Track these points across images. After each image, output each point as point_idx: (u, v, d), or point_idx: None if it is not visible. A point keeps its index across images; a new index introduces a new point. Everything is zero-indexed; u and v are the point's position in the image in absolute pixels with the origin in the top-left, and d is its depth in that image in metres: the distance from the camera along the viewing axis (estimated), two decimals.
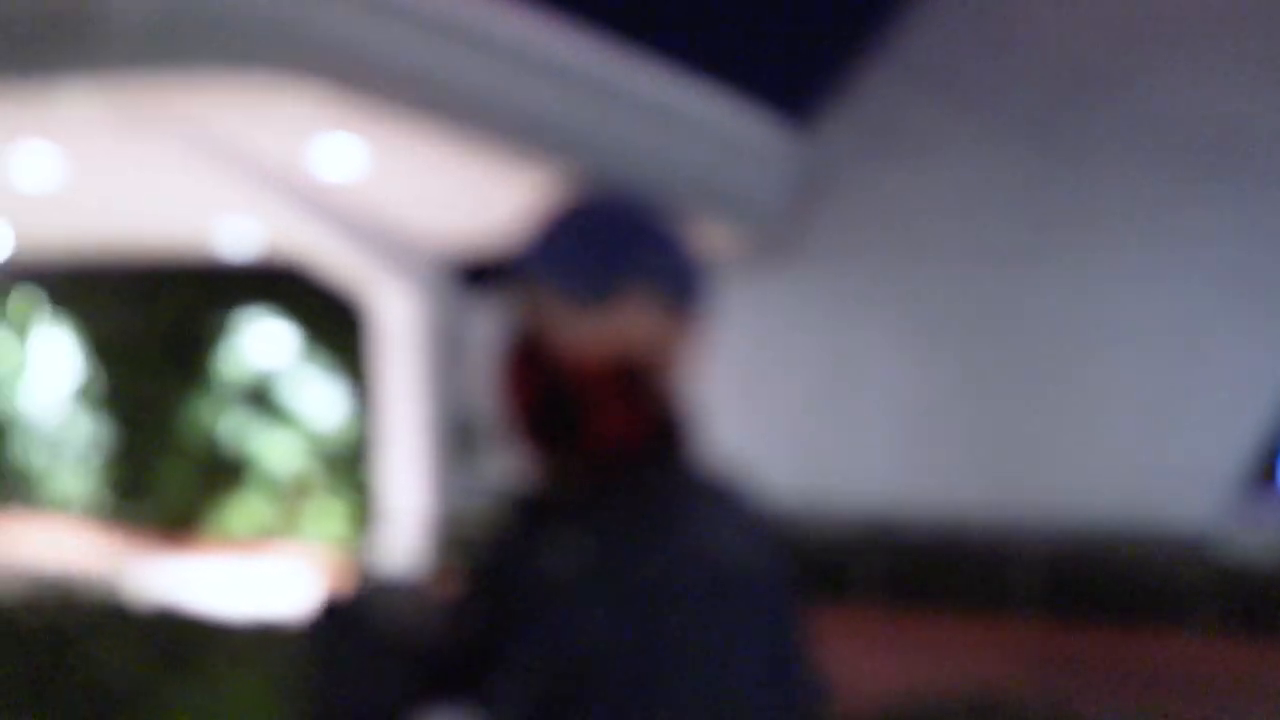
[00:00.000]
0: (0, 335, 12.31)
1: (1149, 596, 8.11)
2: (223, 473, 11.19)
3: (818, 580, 8.94)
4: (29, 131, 7.60)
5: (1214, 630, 7.88)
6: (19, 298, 12.28)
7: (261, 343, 11.21)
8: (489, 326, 10.80)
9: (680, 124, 9.14)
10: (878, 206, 10.11)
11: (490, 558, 1.14)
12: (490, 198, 8.96)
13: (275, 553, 10.67)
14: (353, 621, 1.12)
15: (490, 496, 8.19)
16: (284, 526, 10.93)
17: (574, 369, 1.10)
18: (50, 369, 12.09)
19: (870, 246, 10.14)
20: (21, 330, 12.25)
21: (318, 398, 11.04)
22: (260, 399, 11.19)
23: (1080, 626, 8.16)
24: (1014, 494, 9.33)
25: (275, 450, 11.03)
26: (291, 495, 10.97)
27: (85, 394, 11.87)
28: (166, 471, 11.37)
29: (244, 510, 11.07)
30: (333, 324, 10.91)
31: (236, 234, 9.95)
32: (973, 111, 9.89)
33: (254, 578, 9.51)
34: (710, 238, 9.88)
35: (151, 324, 11.51)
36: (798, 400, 10.29)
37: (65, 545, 10.88)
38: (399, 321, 9.63)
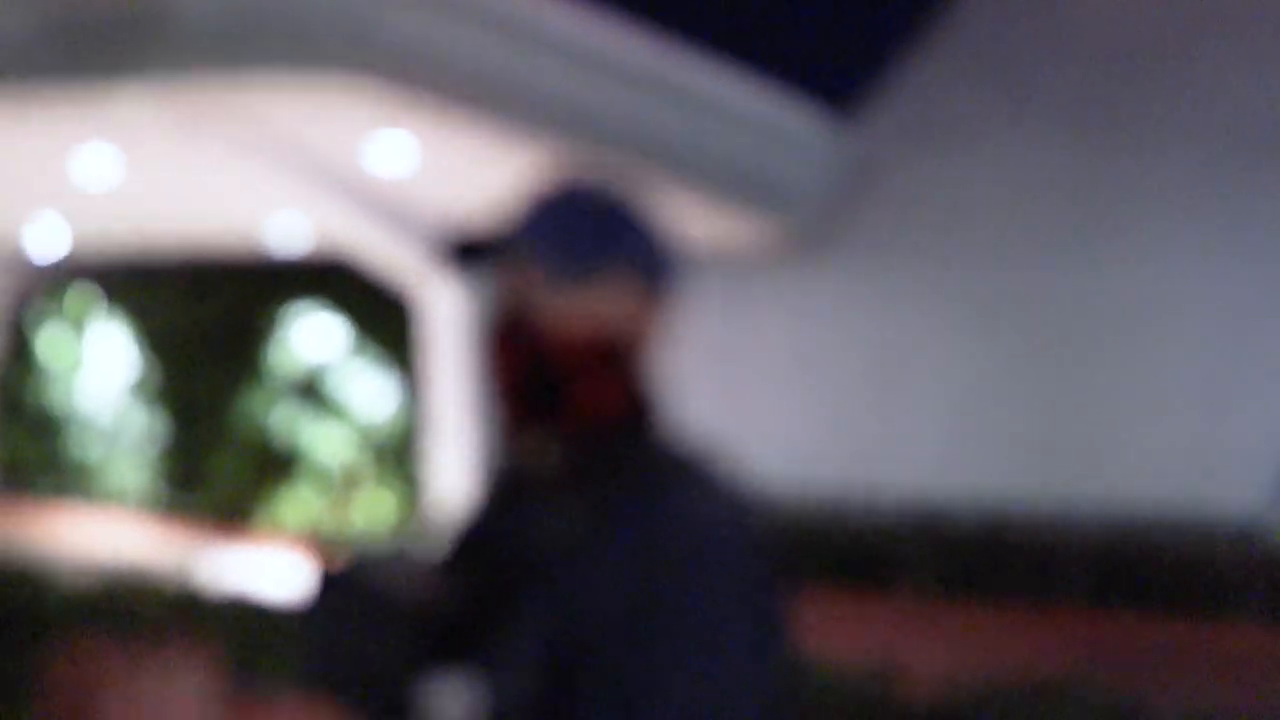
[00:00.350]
0: (58, 331, 12.56)
1: (1198, 585, 8.13)
2: (274, 465, 11.38)
3: (865, 569, 9.00)
4: (90, 133, 7.77)
5: (1263, 618, 7.89)
6: (76, 294, 12.53)
7: (312, 336, 11.39)
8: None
9: (726, 116, 9.20)
10: (923, 196, 10.14)
11: (475, 528, 1.20)
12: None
13: (326, 543, 10.85)
14: (350, 590, 1.17)
15: None
16: (334, 518, 11.11)
17: (559, 344, 1.17)
18: (106, 363, 12.32)
19: (915, 236, 10.17)
20: (79, 326, 12.50)
21: (367, 390, 11.21)
22: (311, 392, 11.37)
23: (1129, 615, 8.18)
24: (1061, 483, 9.35)
25: (326, 442, 11.21)
26: (342, 486, 11.14)
27: (140, 388, 12.10)
28: (220, 464, 11.57)
29: (295, 501, 11.25)
30: (382, 317, 11.07)
31: (288, 230, 10.12)
32: (1019, 100, 9.89)
33: (306, 568, 9.67)
34: (755, 229, 9.95)
35: (205, 318, 11.71)
36: (843, 391, 10.34)
37: (122, 536, 11.10)
38: (447, 314, 9.76)
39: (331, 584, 1.21)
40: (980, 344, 9.84)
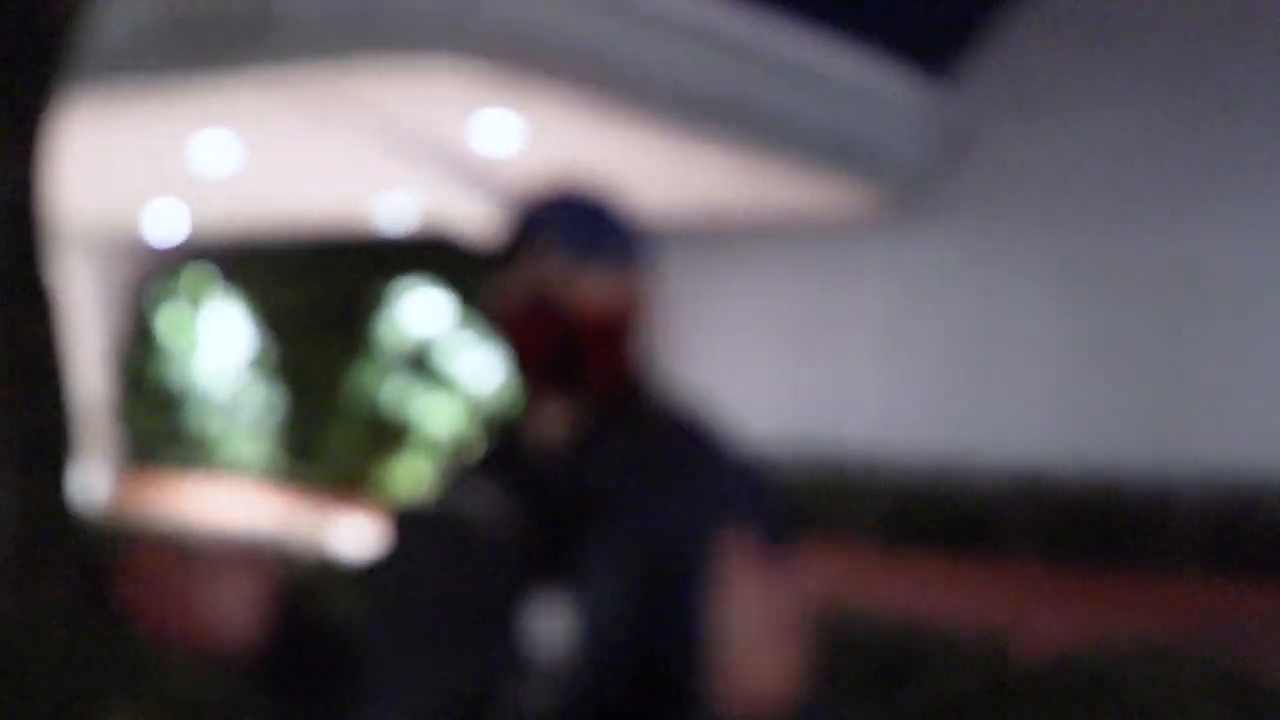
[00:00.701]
0: (178, 310, 13.04)
1: None
2: (386, 436, 11.71)
3: (969, 536, 9.02)
4: (209, 122, 8.07)
5: None
6: (194, 274, 12.98)
7: (420, 311, 11.68)
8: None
9: (824, 84, 9.21)
10: (1022, 160, 10.04)
11: (520, 481, 1.35)
12: (639, 163, 9.17)
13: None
14: (436, 526, 1.34)
15: None
16: None
17: (584, 319, 1.35)
18: (223, 340, 12.77)
19: (1015, 200, 10.09)
20: (196, 305, 12.96)
21: (474, 362, 11.47)
22: (420, 364, 11.67)
23: (1239, 581, 8.10)
24: (1168, 447, 9.25)
25: (435, 413, 11.51)
26: (451, 456, 11.43)
27: (257, 363, 12.52)
28: (334, 435, 11.95)
29: (407, 471, 11.59)
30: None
31: (397, 208, 10.37)
32: (1122, 60, 9.73)
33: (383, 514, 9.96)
34: (853, 196, 9.96)
35: (318, 295, 12.07)
36: (943, 356, 10.33)
37: (243, 506, 11.54)
38: None
39: (414, 522, 1.37)
40: (1083, 308, 9.75)
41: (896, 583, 7.77)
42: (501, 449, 1.41)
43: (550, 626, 1.24)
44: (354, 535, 8.71)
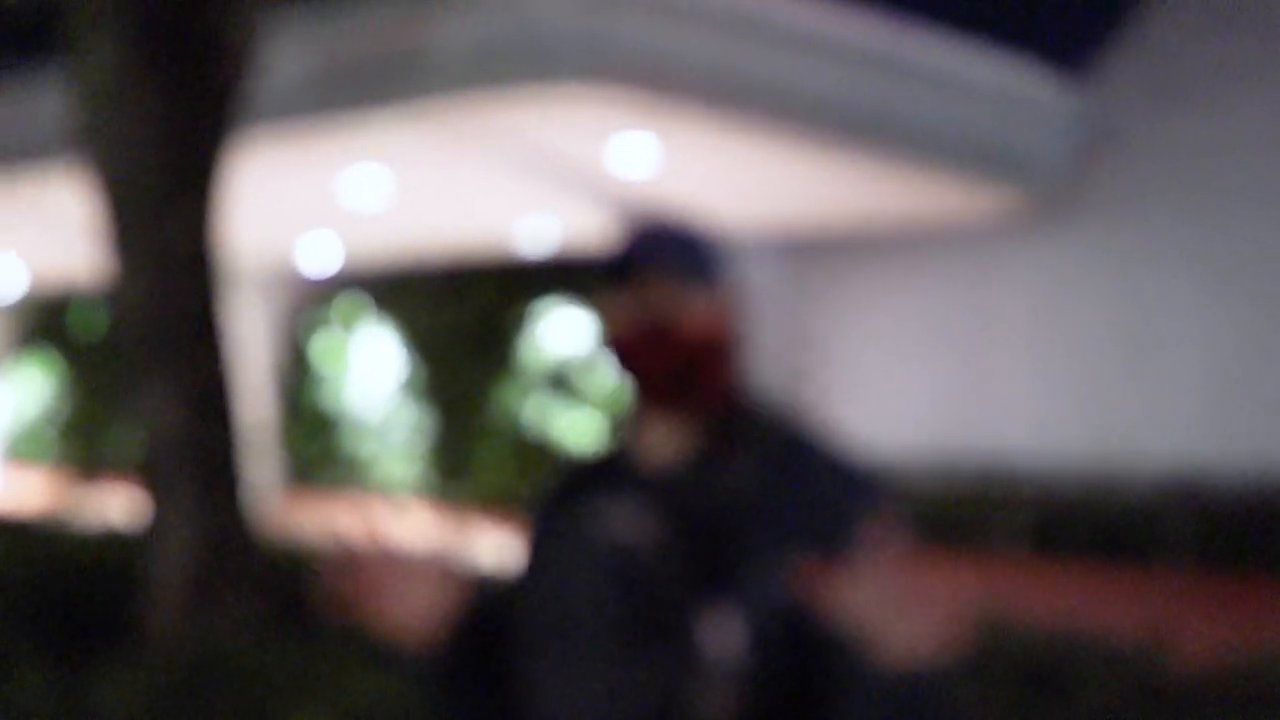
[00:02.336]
0: (329, 337, 13.54)
1: None
2: (530, 453, 11.97)
3: (1122, 543, 8.82)
4: (359, 156, 8.41)
5: None
6: (344, 302, 13.47)
7: (560, 330, 11.92)
8: (785, 304, 11.09)
9: (961, 89, 9.14)
10: (1170, 154, 9.81)
11: (648, 496, 1.42)
12: (778, 179, 9.23)
13: None
14: (588, 546, 1.42)
15: None
16: None
17: (696, 340, 1.40)
18: (375, 365, 13.22)
19: (1161, 198, 9.86)
20: (350, 332, 13.44)
21: (614, 380, 11.65)
22: (561, 383, 11.91)
23: None
24: None
25: (576, 431, 11.73)
26: (561, 469, 11.62)
27: (408, 386, 12.93)
28: (482, 454, 12.27)
29: None
30: None
31: (538, 232, 10.63)
32: (1262, 52, 9.44)
33: None
34: (995, 198, 9.85)
35: (464, 318, 12.42)
36: (1090, 359, 10.13)
37: (398, 524, 11.91)
38: None
39: (562, 541, 1.46)
40: (1236, 305, 9.47)
41: (1049, 591, 7.66)
42: (612, 463, 1.48)
43: (720, 634, 1.34)
44: (503, 551, 8.93)
